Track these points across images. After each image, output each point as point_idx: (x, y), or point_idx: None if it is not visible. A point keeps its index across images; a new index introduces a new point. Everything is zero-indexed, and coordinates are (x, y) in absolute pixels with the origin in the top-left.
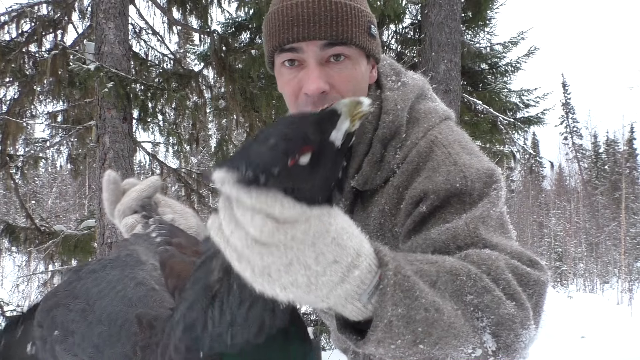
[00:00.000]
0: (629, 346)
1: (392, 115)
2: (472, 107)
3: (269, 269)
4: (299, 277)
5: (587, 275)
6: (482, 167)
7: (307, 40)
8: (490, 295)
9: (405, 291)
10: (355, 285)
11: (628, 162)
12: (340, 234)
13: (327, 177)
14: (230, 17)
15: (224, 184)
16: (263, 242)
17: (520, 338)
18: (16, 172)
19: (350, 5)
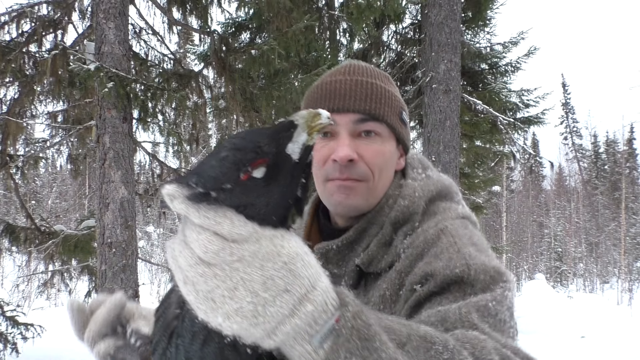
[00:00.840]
0: (629, 346)
1: (408, 201)
2: (472, 107)
3: (212, 293)
4: (245, 305)
5: (587, 275)
6: (489, 263)
7: (341, 113)
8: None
9: (363, 340)
10: (307, 323)
11: (628, 162)
12: (293, 260)
13: (284, 194)
14: (230, 17)
15: (173, 200)
16: (207, 262)
17: None
18: (16, 172)
19: (384, 88)
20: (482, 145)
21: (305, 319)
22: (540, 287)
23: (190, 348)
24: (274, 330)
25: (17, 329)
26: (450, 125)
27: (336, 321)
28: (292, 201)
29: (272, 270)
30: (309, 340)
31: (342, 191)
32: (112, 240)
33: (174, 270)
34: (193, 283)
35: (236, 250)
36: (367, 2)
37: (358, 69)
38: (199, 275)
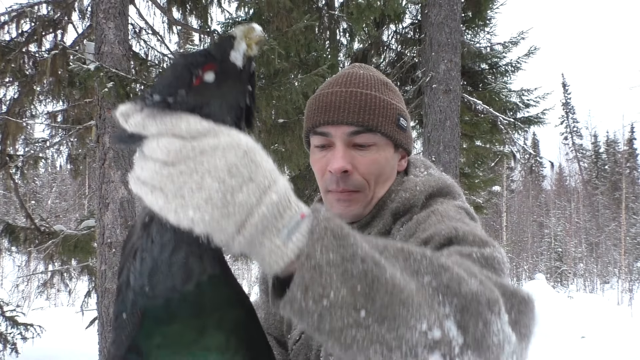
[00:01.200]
0: (629, 346)
1: (409, 194)
2: (472, 107)
3: (181, 190)
4: (214, 193)
5: (587, 275)
6: (477, 232)
7: (335, 125)
8: (449, 274)
9: (338, 238)
10: (272, 214)
11: (628, 162)
12: (253, 151)
13: (235, 97)
14: (230, 17)
15: (128, 118)
16: (172, 163)
17: (490, 327)
18: (16, 172)
19: (379, 98)
20: (482, 145)
21: (271, 209)
22: (540, 287)
23: (159, 258)
24: (243, 223)
25: (16, 329)
26: (450, 125)
27: (301, 216)
28: (243, 105)
29: (235, 159)
30: (277, 234)
31: (341, 204)
32: (112, 240)
33: (139, 190)
34: (160, 188)
35: (197, 145)
36: (367, 2)
37: (355, 78)
38: (165, 177)
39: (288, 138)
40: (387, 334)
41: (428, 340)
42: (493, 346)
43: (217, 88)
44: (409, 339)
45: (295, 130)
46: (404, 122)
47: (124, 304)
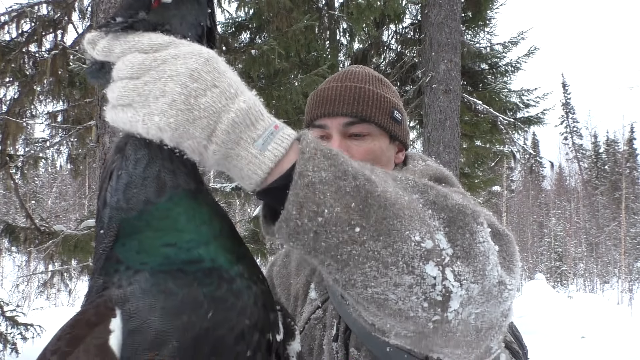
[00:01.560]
0: (629, 346)
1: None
2: (472, 107)
3: (147, 99)
4: (177, 97)
5: (587, 275)
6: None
7: (331, 117)
8: (434, 190)
9: (328, 158)
10: (243, 122)
11: (628, 162)
12: (215, 59)
13: (195, 16)
14: (230, 17)
15: (95, 45)
16: (137, 76)
17: (476, 238)
18: (16, 172)
19: (372, 91)
20: (482, 145)
21: (241, 117)
22: (540, 287)
23: (133, 172)
24: (212, 129)
25: (16, 329)
26: (450, 125)
27: (275, 127)
28: (204, 24)
29: (196, 64)
30: (252, 144)
31: None
32: None
33: (113, 116)
34: (129, 103)
35: (159, 55)
36: (367, 2)
37: (351, 74)
38: (132, 91)
39: None
40: (382, 250)
41: (422, 250)
42: (480, 255)
43: (176, 8)
44: (405, 252)
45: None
46: (398, 115)
47: (102, 221)
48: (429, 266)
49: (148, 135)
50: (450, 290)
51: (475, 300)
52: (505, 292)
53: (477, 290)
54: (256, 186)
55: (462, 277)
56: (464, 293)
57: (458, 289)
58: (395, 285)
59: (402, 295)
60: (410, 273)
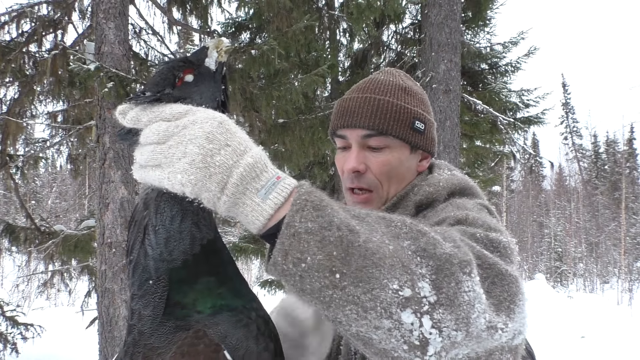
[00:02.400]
0: (629, 346)
1: (432, 188)
2: (472, 107)
3: (171, 160)
4: (195, 157)
5: (587, 275)
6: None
7: (350, 128)
8: (426, 238)
9: (317, 209)
10: (250, 175)
11: (628, 162)
12: (227, 122)
13: (212, 93)
14: (230, 17)
15: (125, 115)
16: (162, 141)
17: (461, 287)
18: (16, 172)
19: (392, 103)
20: (482, 145)
21: (248, 170)
22: (540, 287)
23: (171, 228)
24: (225, 183)
25: (17, 329)
26: (450, 125)
27: (277, 178)
28: (218, 99)
29: (211, 128)
30: (256, 194)
31: (358, 205)
32: (112, 240)
33: (141, 174)
34: (158, 163)
35: (179, 122)
36: (367, 2)
37: (372, 84)
38: (159, 154)
39: (288, 138)
40: (362, 295)
41: (399, 298)
42: (464, 303)
43: (195, 86)
44: (383, 298)
45: (295, 131)
46: (420, 124)
47: (148, 272)
48: (406, 313)
49: (173, 189)
50: (426, 337)
51: (461, 344)
52: (497, 334)
53: (461, 336)
54: (259, 230)
55: (443, 325)
56: (444, 339)
57: (436, 336)
58: (376, 327)
59: (383, 337)
60: (388, 318)
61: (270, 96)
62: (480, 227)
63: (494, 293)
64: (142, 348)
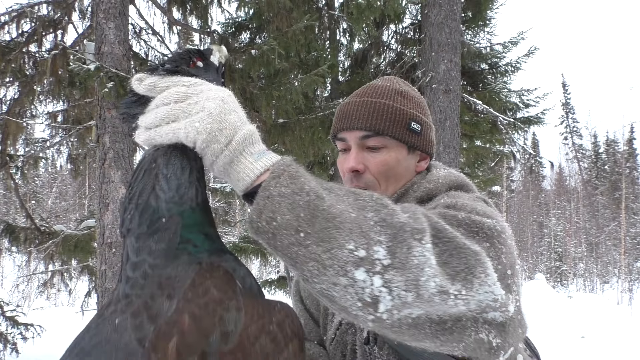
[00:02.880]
0: (629, 346)
1: (432, 184)
2: (472, 107)
3: (190, 113)
4: (213, 110)
5: (587, 275)
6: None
7: (349, 131)
8: (386, 209)
9: (292, 177)
10: (248, 139)
11: (628, 162)
12: (233, 96)
13: (216, 78)
14: (230, 17)
15: (142, 81)
16: (182, 100)
17: (412, 252)
18: (16, 172)
19: (388, 105)
20: (482, 145)
21: (248, 135)
22: (540, 287)
23: (182, 177)
24: (231, 139)
25: (17, 329)
26: (450, 125)
27: (266, 150)
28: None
29: (223, 95)
30: (250, 155)
31: None
32: (112, 240)
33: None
34: (175, 118)
35: (198, 88)
36: (367, 2)
37: (371, 89)
38: (177, 109)
39: (288, 138)
40: (322, 254)
41: (354, 257)
42: (414, 267)
43: (204, 72)
44: (340, 257)
45: (295, 131)
46: (416, 125)
47: (160, 212)
48: (359, 271)
49: (187, 138)
50: (377, 295)
51: (413, 305)
52: (451, 300)
53: (411, 297)
54: (245, 188)
55: (393, 285)
56: (394, 298)
57: (386, 294)
58: (334, 284)
59: (341, 294)
60: (344, 275)
61: (270, 96)
62: (466, 211)
63: (451, 264)
64: (157, 277)
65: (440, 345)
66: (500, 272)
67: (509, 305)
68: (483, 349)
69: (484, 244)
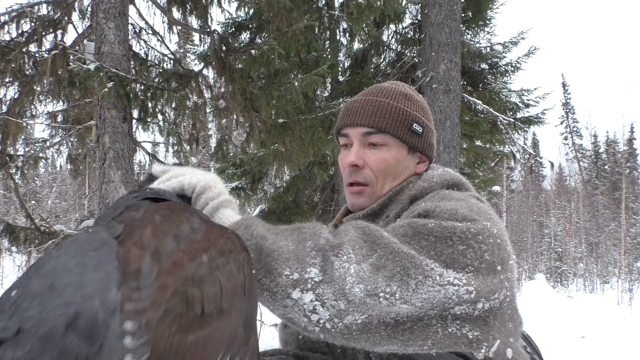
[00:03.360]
0: (629, 346)
1: (426, 183)
2: (472, 107)
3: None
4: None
5: (587, 275)
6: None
7: (352, 127)
8: (317, 237)
9: (246, 227)
10: (228, 200)
11: (628, 162)
12: (215, 179)
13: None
14: (230, 17)
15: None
16: (183, 173)
17: (334, 266)
18: (16, 172)
19: (391, 105)
20: (482, 145)
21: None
22: (540, 287)
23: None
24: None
25: None
26: (450, 125)
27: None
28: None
29: (207, 175)
30: (232, 210)
31: (353, 196)
32: None
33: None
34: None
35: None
36: (367, 2)
37: (377, 90)
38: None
39: (288, 138)
40: (269, 283)
41: (290, 280)
42: (337, 278)
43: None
44: (281, 283)
45: (295, 130)
46: (417, 127)
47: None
48: (295, 291)
49: (189, 184)
50: (314, 308)
51: (349, 311)
52: (385, 300)
53: (343, 304)
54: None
55: (324, 298)
56: (328, 309)
57: (320, 307)
58: (285, 307)
59: (293, 314)
60: (288, 297)
61: (270, 96)
62: (441, 217)
63: (387, 268)
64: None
65: (404, 345)
66: (482, 269)
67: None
68: (461, 342)
69: (459, 247)
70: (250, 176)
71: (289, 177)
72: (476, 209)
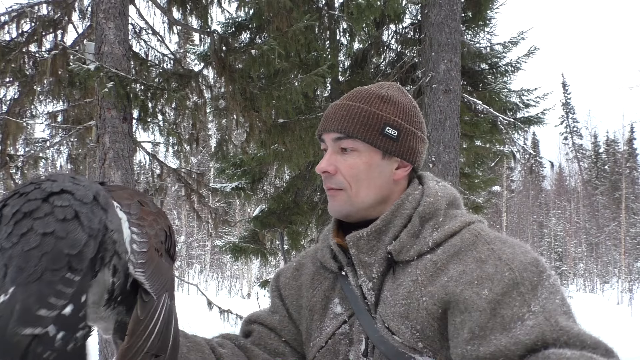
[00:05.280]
0: (629, 346)
1: (432, 198)
2: (472, 107)
3: None
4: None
5: (587, 275)
6: (524, 258)
7: (327, 132)
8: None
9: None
10: None
11: (628, 162)
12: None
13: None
14: (230, 17)
15: None
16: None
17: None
18: (16, 172)
19: (361, 108)
20: (482, 145)
21: None
22: None
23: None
24: None
25: None
26: (450, 125)
27: None
28: None
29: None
30: None
31: (330, 199)
32: None
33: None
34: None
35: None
36: (367, 2)
37: (353, 93)
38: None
39: (288, 138)
40: None
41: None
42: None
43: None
44: None
45: (295, 130)
46: (391, 131)
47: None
48: None
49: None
50: None
51: None
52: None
53: None
54: None
55: None
56: None
57: None
58: None
59: None
60: None
61: (270, 96)
62: (537, 287)
63: None
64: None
65: None
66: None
67: None
68: None
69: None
70: (250, 176)
71: (289, 177)
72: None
